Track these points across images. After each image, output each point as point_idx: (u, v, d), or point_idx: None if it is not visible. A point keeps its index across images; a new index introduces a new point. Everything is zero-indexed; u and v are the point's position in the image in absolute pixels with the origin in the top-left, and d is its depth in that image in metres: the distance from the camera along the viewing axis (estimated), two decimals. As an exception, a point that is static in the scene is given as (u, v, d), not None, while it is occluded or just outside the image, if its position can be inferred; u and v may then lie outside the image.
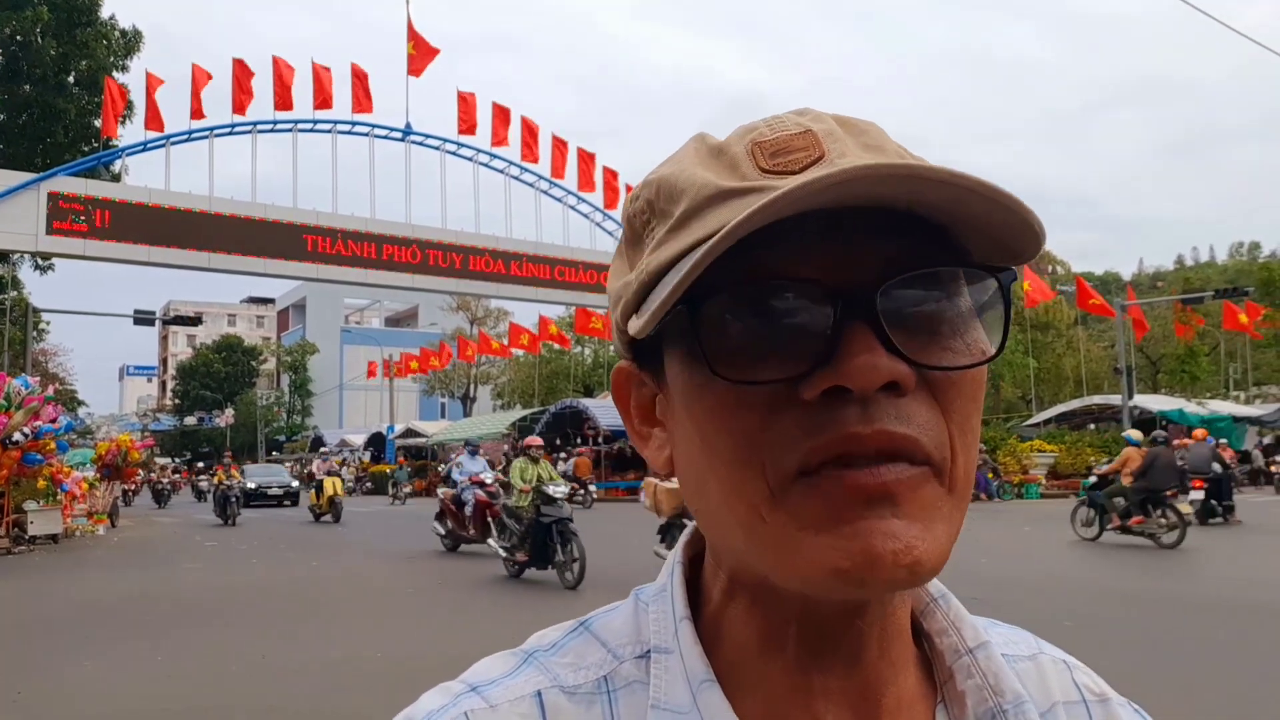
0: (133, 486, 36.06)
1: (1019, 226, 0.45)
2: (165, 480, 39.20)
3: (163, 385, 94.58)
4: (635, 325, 0.48)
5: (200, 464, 48.15)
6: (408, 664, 6.47)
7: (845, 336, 0.44)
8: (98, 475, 22.33)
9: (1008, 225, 0.45)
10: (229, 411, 70.36)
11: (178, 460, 63.78)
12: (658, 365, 0.52)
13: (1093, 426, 33.09)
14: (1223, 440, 28.44)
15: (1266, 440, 31.71)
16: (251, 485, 31.15)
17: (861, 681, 0.50)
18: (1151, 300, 41.97)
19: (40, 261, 27.69)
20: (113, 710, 5.67)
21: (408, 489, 36.78)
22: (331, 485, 22.55)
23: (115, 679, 6.43)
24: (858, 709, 0.50)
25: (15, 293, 29.77)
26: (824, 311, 0.45)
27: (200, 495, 38.24)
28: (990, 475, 25.31)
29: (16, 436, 16.14)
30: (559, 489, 10.68)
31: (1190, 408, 30.95)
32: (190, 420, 76.25)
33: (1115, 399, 31.40)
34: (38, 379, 18.80)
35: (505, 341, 44.25)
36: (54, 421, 17.20)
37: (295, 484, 34.52)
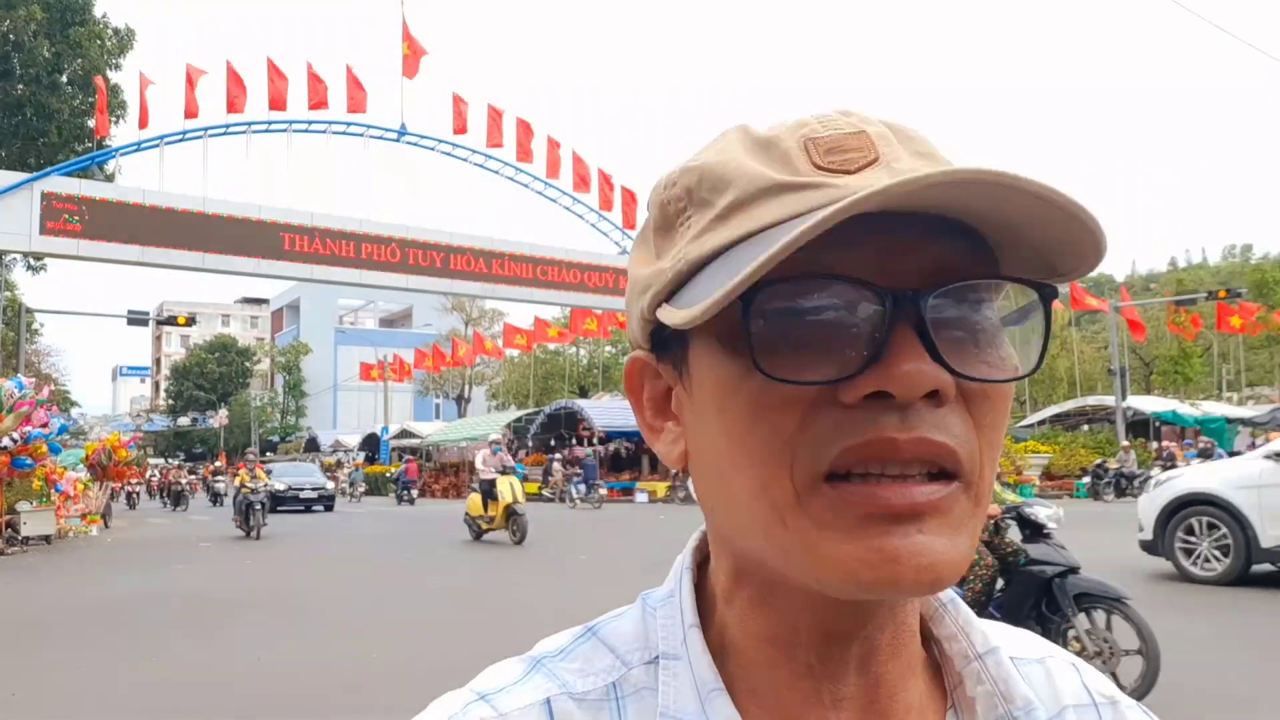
0: (136, 486, 33.31)
1: (1078, 239, 0.45)
2: (183, 480, 33.92)
3: (156, 386, 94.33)
4: (677, 316, 0.46)
5: (215, 464, 41.75)
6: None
7: (893, 340, 0.43)
8: (90, 476, 22.26)
9: (1065, 239, 0.45)
10: (223, 412, 70.27)
11: (173, 461, 62.09)
12: (679, 357, 0.50)
13: (1087, 427, 33.20)
14: (1212, 441, 28.61)
15: (1259, 441, 31.81)
16: (280, 487, 26.81)
17: (871, 688, 0.50)
18: (1145, 302, 42.12)
19: (33, 262, 27.62)
20: (107, 711, 5.65)
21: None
22: (509, 489, 15.71)
23: (110, 680, 6.41)
24: (867, 716, 0.50)
25: (8, 293, 29.69)
26: (874, 313, 0.44)
27: (216, 498, 33.76)
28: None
29: (5, 442, 16.04)
30: None
31: (1184, 409, 31.07)
32: (184, 421, 76.13)
33: (1109, 400, 31.51)
34: (33, 380, 18.71)
35: (500, 342, 44.24)
36: (45, 426, 17.09)
37: (330, 485, 31.40)
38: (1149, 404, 32.30)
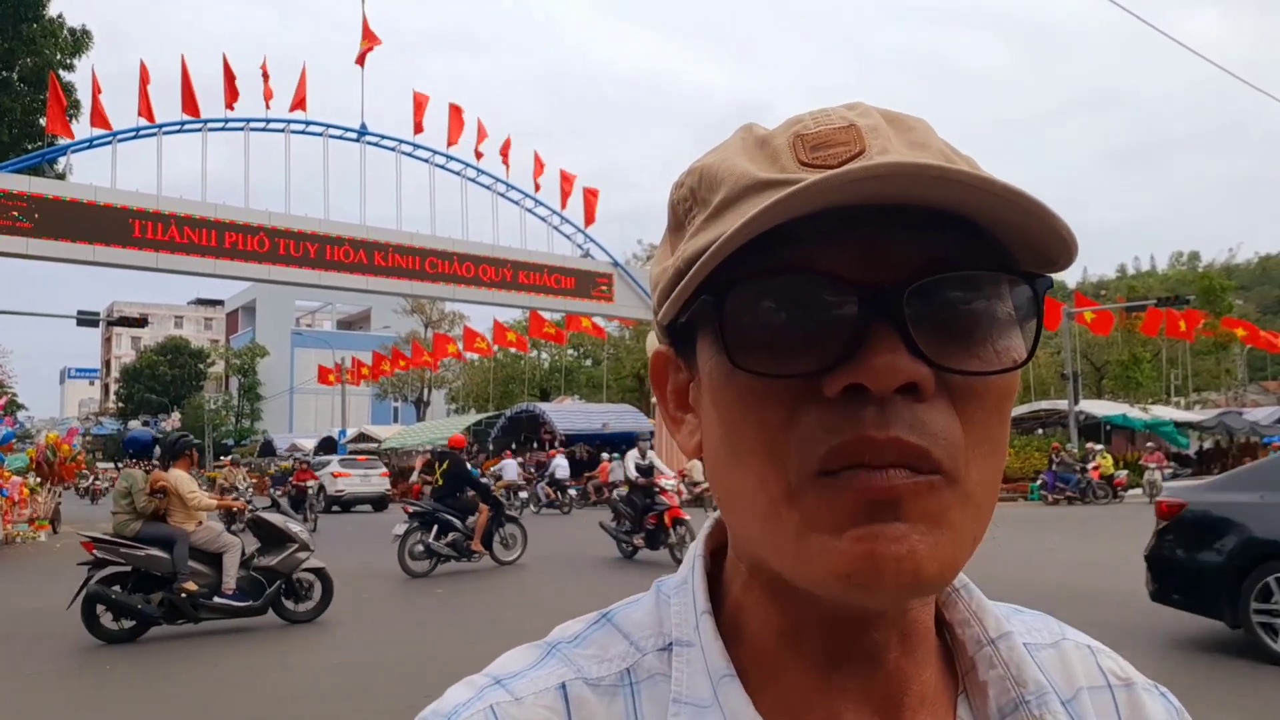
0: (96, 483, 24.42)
1: (1049, 233, 0.45)
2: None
3: (105, 388, 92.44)
4: (661, 312, 0.51)
5: (297, 462, 28.33)
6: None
7: (870, 334, 0.44)
8: (39, 480, 21.73)
9: (1041, 232, 0.45)
10: (175, 415, 69.00)
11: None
12: (691, 352, 0.52)
13: (1040, 431, 33.80)
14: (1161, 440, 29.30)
15: (1207, 444, 32.68)
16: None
17: (883, 681, 0.50)
18: (1097, 307, 42.99)
19: (-19, 261, 26.93)
20: None
21: None
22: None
23: (62, 689, 6.27)
24: (880, 707, 0.50)
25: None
26: (849, 307, 0.44)
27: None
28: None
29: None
30: None
31: (1133, 413, 31.76)
32: (134, 424, 74.63)
33: (1062, 404, 32.12)
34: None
35: (460, 345, 43.89)
36: None
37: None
38: (1100, 408, 32.97)
